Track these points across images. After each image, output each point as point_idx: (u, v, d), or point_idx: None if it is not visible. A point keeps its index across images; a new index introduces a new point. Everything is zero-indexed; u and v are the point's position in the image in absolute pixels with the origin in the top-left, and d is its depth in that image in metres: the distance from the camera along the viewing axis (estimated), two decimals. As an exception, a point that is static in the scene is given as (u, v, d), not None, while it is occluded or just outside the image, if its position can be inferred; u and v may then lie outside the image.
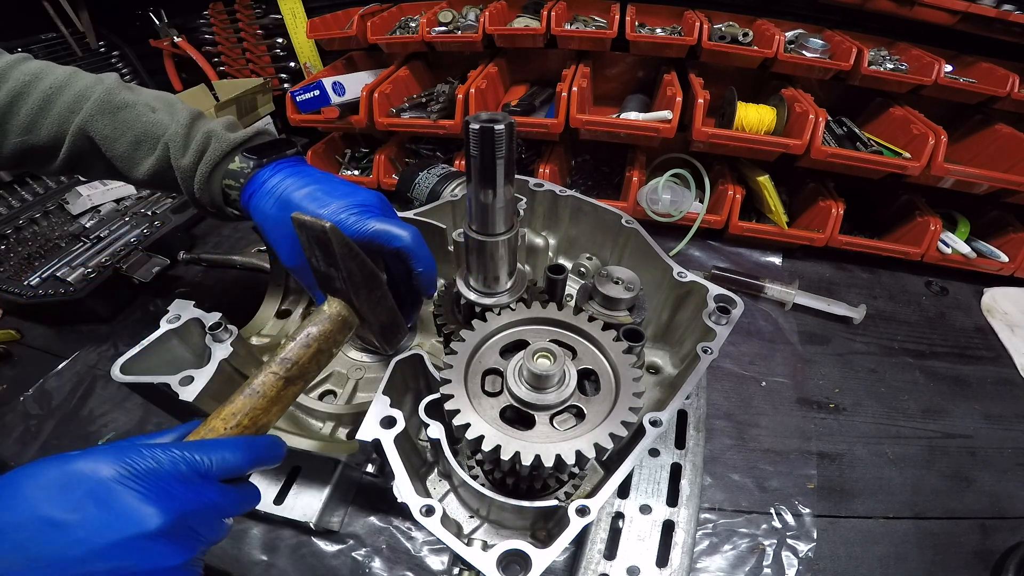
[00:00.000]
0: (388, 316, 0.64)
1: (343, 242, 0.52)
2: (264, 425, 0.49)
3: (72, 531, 0.35)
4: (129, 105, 0.67)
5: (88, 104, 0.65)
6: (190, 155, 0.65)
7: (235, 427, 0.47)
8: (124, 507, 0.36)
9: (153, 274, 1.04)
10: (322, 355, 0.54)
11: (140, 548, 0.36)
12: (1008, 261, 1.09)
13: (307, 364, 0.53)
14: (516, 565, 0.47)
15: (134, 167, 0.68)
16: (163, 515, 0.37)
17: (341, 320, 0.56)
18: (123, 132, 0.66)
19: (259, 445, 0.47)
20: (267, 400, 0.49)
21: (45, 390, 0.92)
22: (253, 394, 0.49)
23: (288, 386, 0.51)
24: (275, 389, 0.50)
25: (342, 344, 0.58)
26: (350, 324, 0.57)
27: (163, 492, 0.38)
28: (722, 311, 0.66)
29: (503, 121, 0.48)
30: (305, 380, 0.53)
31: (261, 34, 1.59)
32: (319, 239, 0.52)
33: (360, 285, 0.56)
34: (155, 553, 0.37)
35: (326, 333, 0.54)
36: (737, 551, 0.71)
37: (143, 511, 0.37)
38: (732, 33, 1.14)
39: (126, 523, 0.36)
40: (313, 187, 0.64)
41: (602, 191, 1.38)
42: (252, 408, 0.48)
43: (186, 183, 0.68)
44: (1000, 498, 0.77)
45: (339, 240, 0.51)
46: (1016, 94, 1.02)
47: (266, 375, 0.50)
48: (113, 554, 0.35)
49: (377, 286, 0.60)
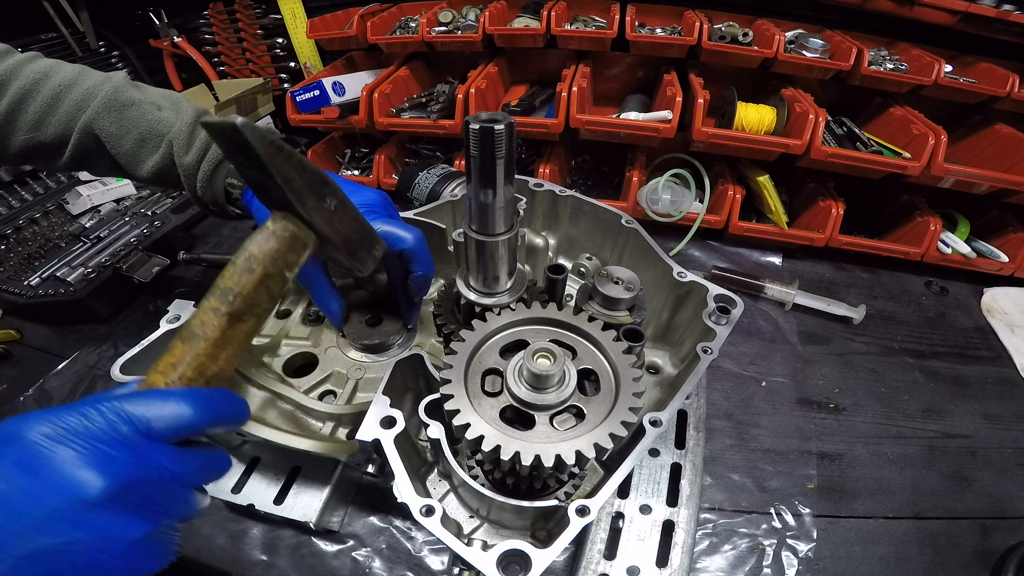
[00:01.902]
0: (352, 228, 0.54)
1: (265, 140, 0.41)
2: (215, 376, 0.42)
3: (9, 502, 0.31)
4: (135, 103, 0.67)
5: (95, 102, 0.66)
6: (193, 153, 0.66)
7: (177, 379, 0.40)
8: (59, 473, 0.32)
9: (153, 274, 1.04)
10: (271, 280, 0.45)
11: (85, 519, 0.32)
12: (1008, 261, 1.09)
13: (253, 294, 0.44)
14: (516, 565, 0.47)
15: (138, 165, 0.68)
16: (103, 479, 0.33)
17: (289, 236, 0.46)
18: (128, 130, 0.66)
19: (212, 398, 0.40)
20: (211, 344, 0.41)
21: (45, 390, 0.92)
22: (192, 338, 0.41)
23: (234, 323, 0.43)
24: (218, 329, 0.42)
25: (296, 266, 0.48)
26: (302, 240, 0.47)
27: (100, 455, 0.33)
28: (722, 311, 0.66)
29: (503, 121, 0.48)
30: (256, 316, 0.45)
31: (261, 34, 1.59)
32: (235, 140, 0.40)
33: (304, 191, 0.46)
34: (104, 524, 0.32)
35: (271, 253, 0.45)
36: (737, 551, 0.71)
37: (80, 475, 0.32)
38: (732, 33, 1.14)
39: (63, 491, 0.32)
40: None
41: (602, 191, 1.38)
42: (195, 355, 0.41)
43: (189, 181, 0.68)
44: (1000, 498, 0.77)
45: (259, 138, 0.40)
46: (1016, 94, 1.02)
47: (204, 313, 0.42)
48: (55, 527, 0.31)
49: (329, 192, 0.50)
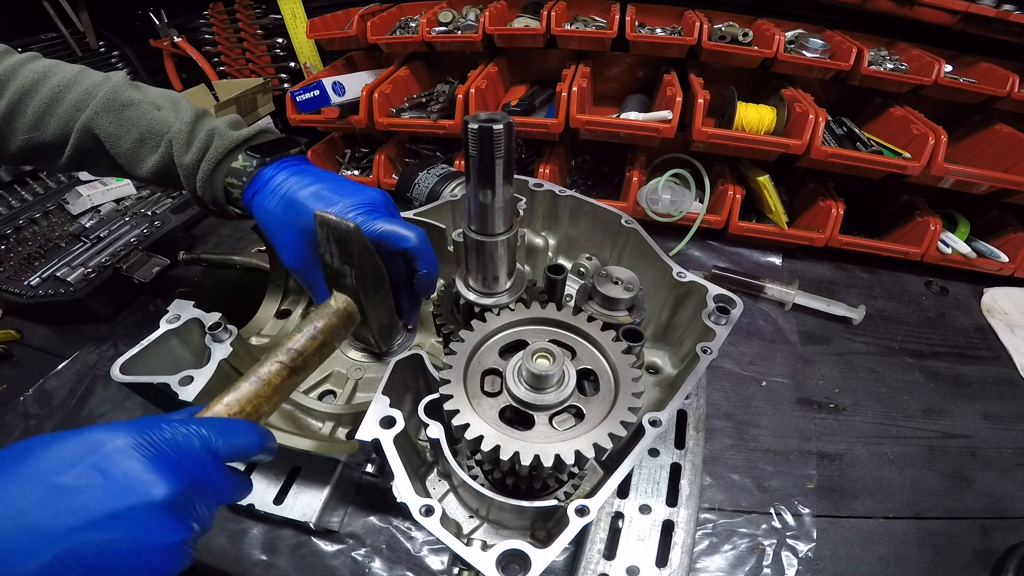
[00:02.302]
0: (388, 316, 0.66)
1: (364, 243, 0.54)
2: (264, 413, 0.49)
3: (75, 498, 0.33)
4: (134, 103, 0.67)
5: (94, 102, 0.66)
6: (193, 153, 0.66)
7: (238, 413, 0.47)
8: (132, 474, 0.35)
9: (153, 274, 1.04)
10: (325, 348, 0.56)
11: (141, 519, 0.35)
12: (1008, 261, 1.09)
13: (311, 356, 0.54)
14: (515, 565, 0.47)
15: (138, 164, 0.68)
16: (170, 485, 0.36)
17: (346, 316, 0.58)
18: (128, 130, 0.66)
19: (263, 433, 0.46)
20: (271, 388, 0.50)
21: (45, 390, 0.92)
22: (259, 382, 0.49)
23: (292, 376, 0.52)
24: (280, 378, 0.50)
25: (343, 340, 0.60)
26: (353, 320, 0.59)
27: (174, 463, 0.37)
28: (721, 311, 0.66)
29: (502, 121, 0.48)
30: (306, 371, 0.54)
31: (261, 34, 1.59)
32: (340, 238, 0.53)
33: (370, 284, 0.58)
34: (156, 526, 0.35)
35: (331, 327, 0.56)
36: (737, 551, 0.71)
37: (150, 479, 0.36)
38: (732, 33, 1.14)
39: (131, 491, 0.35)
40: (318, 186, 0.64)
41: (602, 191, 1.38)
42: (256, 395, 0.48)
43: (188, 181, 0.68)
44: (1000, 498, 0.77)
45: (360, 241, 0.53)
46: (1016, 94, 1.02)
47: (272, 364, 0.51)
48: (113, 525, 0.33)
49: (383, 286, 0.62)
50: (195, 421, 0.41)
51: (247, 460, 0.46)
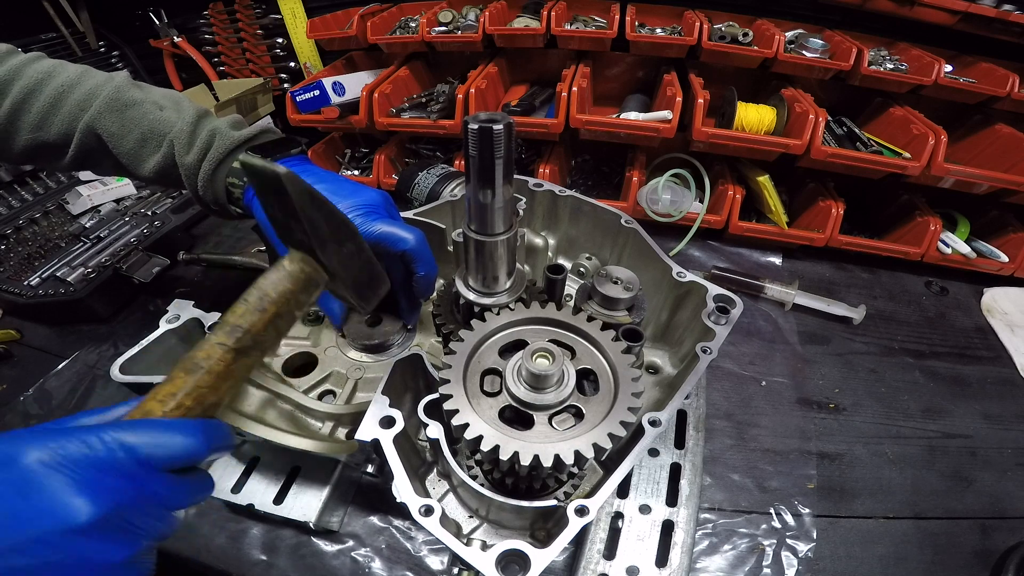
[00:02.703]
0: (363, 271, 0.56)
1: (302, 190, 0.44)
2: (212, 405, 0.42)
3: None
4: (137, 103, 0.67)
5: (97, 102, 0.66)
6: (194, 152, 0.66)
7: (174, 408, 0.40)
8: (50, 498, 0.32)
9: (153, 274, 1.04)
10: (281, 320, 0.46)
11: (68, 543, 0.32)
12: (1008, 261, 1.09)
13: (262, 332, 0.44)
14: (515, 565, 0.47)
15: (140, 164, 0.69)
16: (95, 507, 0.33)
17: (304, 277, 0.47)
18: (130, 129, 0.67)
19: (208, 429, 0.40)
20: (213, 376, 0.41)
21: (45, 390, 0.92)
22: (195, 369, 0.41)
23: (239, 358, 0.43)
24: (223, 363, 0.42)
25: (306, 306, 0.49)
26: (315, 281, 0.49)
27: (96, 483, 0.34)
28: (721, 311, 0.66)
29: (502, 121, 0.48)
30: (261, 350, 0.45)
31: (261, 34, 1.59)
32: (274, 187, 0.43)
33: (327, 238, 0.48)
34: (87, 549, 0.33)
35: (285, 293, 0.46)
36: (737, 551, 0.71)
37: (72, 503, 0.33)
38: (732, 33, 1.14)
39: (52, 516, 0.32)
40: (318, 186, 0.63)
41: (602, 191, 1.38)
42: (196, 386, 0.41)
43: (190, 180, 0.68)
44: (1000, 498, 0.77)
45: (297, 188, 0.43)
46: (1016, 94, 1.02)
47: (211, 347, 0.42)
48: (36, 550, 0.31)
49: (348, 237, 0.52)
50: (118, 428, 0.36)
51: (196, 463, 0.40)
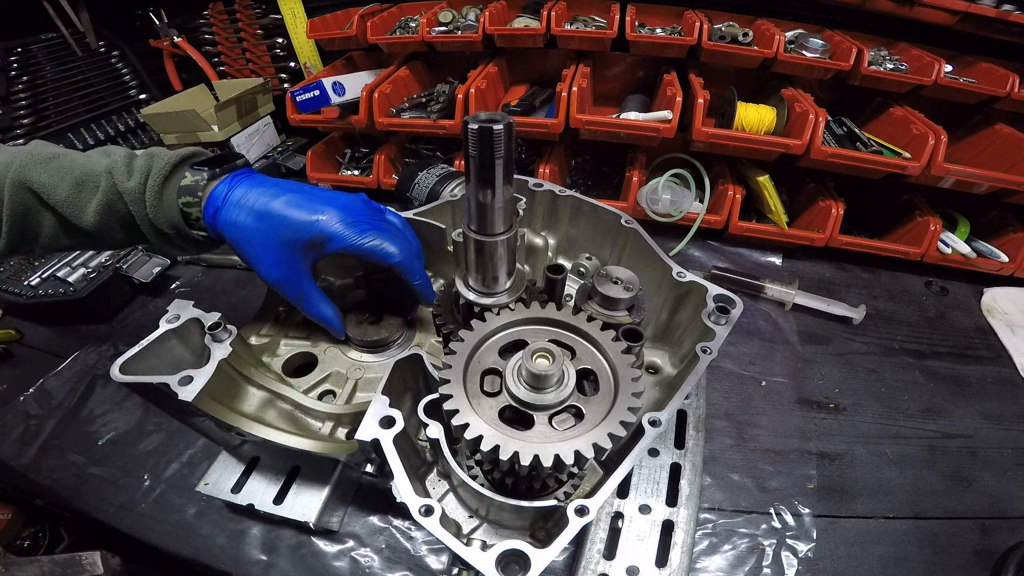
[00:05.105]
0: None
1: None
2: None
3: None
4: (60, 155, 0.63)
5: (19, 160, 0.61)
6: (136, 176, 0.62)
7: None
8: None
9: (153, 274, 1.04)
10: None
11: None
12: (1008, 261, 1.09)
13: None
14: (515, 565, 0.47)
15: (82, 211, 0.63)
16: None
17: None
18: (62, 177, 0.62)
19: None
20: None
21: (45, 390, 0.92)
22: None
23: None
24: None
25: None
26: None
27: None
28: (721, 311, 0.66)
29: (502, 121, 0.48)
30: None
31: (261, 34, 1.59)
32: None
33: None
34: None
35: None
36: (737, 551, 0.71)
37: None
38: (732, 33, 1.14)
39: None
40: (288, 195, 0.62)
41: (602, 191, 1.38)
42: None
43: (137, 206, 0.62)
44: (1000, 498, 0.77)
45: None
46: (1016, 94, 1.02)
47: None
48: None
49: None
50: None
51: None
